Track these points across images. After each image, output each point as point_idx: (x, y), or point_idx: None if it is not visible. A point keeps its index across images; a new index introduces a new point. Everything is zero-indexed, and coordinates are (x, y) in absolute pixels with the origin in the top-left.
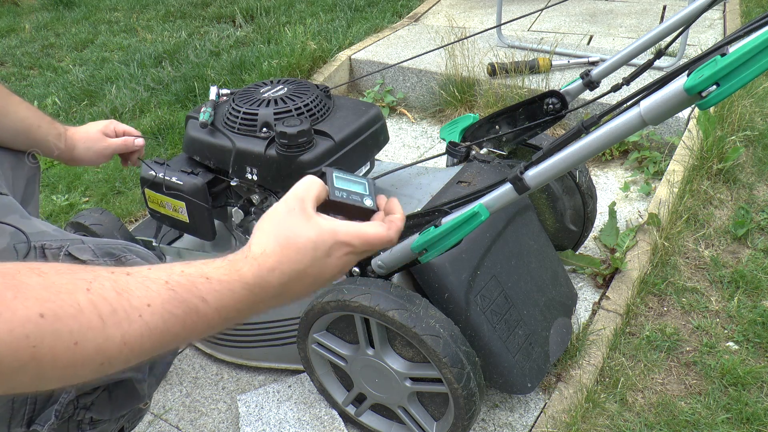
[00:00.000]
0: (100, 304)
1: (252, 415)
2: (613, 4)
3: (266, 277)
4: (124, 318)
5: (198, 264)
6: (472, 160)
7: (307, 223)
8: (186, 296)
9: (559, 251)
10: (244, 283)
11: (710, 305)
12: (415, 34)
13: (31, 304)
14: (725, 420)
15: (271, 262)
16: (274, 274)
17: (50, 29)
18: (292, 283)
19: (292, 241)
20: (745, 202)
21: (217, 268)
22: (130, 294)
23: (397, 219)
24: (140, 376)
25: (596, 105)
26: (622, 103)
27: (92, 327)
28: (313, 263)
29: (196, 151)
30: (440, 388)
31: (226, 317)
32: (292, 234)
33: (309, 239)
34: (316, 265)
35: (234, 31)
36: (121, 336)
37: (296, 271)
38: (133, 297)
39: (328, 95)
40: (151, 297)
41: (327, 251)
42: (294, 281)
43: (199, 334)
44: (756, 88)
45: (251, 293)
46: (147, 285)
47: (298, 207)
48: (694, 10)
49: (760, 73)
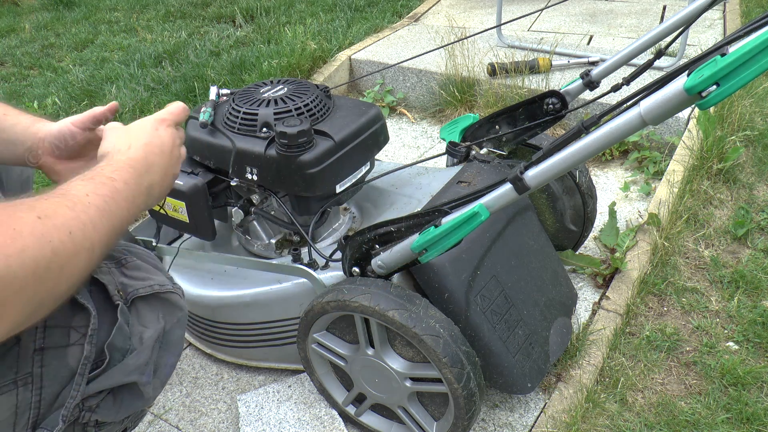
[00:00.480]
0: (64, 202)
1: (252, 415)
2: (613, 4)
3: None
4: (81, 208)
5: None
6: (472, 160)
7: (139, 122)
8: (102, 179)
9: (559, 251)
10: (129, 167)
11: (710, 305)
12: (415, 34)
13: (27, 211)
14: (725, 420)
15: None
16: (136, 152)
17: (50, 29)
18: (150, 155)
19: (132, 132)
20: (745, 202)
21: (101, 167)
22: (69, 191)
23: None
24: (145, 379)
25: (596, 105)
26: (622, 103)
27: (69, 217)
28: (151, 138)
29: (196, 151)
30: (440, 388)
31: (131, 188)
32: (133, 130)
33: (140, 126)
34: (155, 139)
35: (234, 31)
36: (87, 218)
37: (146, 144)
38: (72, 191)
39: (328, 95)
40: (84, 188)
41: (154, 128)
42: (150, 154)
43: (128, 212)
44: (756, 88)
45: (134, 171)
46: (72, 184)
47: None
48: (694, 10)
49: (760, 73)
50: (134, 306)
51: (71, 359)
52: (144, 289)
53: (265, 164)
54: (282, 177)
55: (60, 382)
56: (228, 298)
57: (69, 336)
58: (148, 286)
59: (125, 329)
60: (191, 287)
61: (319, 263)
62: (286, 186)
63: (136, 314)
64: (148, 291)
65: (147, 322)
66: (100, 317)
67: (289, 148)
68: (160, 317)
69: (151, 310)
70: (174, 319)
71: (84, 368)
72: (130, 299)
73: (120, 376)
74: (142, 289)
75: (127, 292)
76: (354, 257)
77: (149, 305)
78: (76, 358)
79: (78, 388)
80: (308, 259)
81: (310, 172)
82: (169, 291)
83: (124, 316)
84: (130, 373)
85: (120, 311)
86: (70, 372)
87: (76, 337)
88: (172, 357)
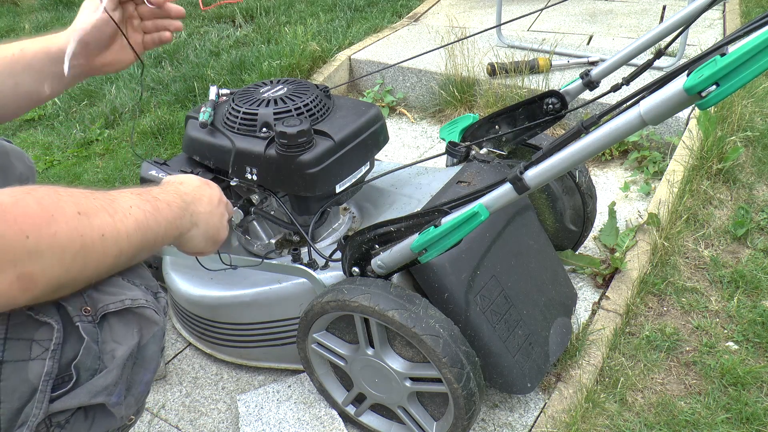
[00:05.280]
0: (106, 207)
1: (252, 415)
2: (613, 4)
3: (182, 189)
4: (122, 216)
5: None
6: (471, 160)
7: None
8: (148, 198)
9: (559, 251)
10: (179, 193)
11: (710, 305)
12: (415, 34)
13: (71, 204)
14: (725, 420)
15: (198, 194)
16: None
17: (50, 29)
18: (199, 193)
19: (186, 176)
20: (744, 202)
21: (155, 185)
22: (117, 200)
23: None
24: (113, 400)
25: (596, 105)
26: (622, 103)
27: (107, 222)
28: (202, 185)
29: (196, 151)
30: (440, 388)
31: (174, 211)
32: (187, 176)
33: (194, 177)
34: (205, 189)
35: (234, 31)
36: (124, 229)
37: (210, 212)
38: (120, 201)
39: (327, 95)
40: (129, 200)
41: (205, 182)
42: (198, 192)
43: (165, 232)
44: (756, 88)
45: (183, 202)
46: (121, 193)
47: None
48: (694, 10)
49: (760, 73)
50: (107, 321)
51: (32, 375)
52: (115, 305)
53: (264, 164)
54: (282, 177)
55: (20, 398)
56: (228, 298)
57: (31, 349)
58: (119, 301)
59: (93, 348)
60: (191, 287)
61: (318, 263)
62: (286, 186)
63: (109, 330)
64: (119, 306)
65: (120, 338)
66: (67, 333)
67: (289, 148)
68: (134, 333)
69: (125, 325)
70: (149, 334)
71: (46, 385)
72: (100, 314)
73: (86, 397)
74: (113, 305)
75: (96, 308)
76: (354, 257)
77: (123, 320)
78: (38, 374)
79: (40, 405)
80: (308, 259)
81: (309, 172)
82: (142, 306)
83: (91, 335)
84: (97, 393)
85: (84, 330)
86: (31, 388)
87: (39, 352)
88: (148, 374)
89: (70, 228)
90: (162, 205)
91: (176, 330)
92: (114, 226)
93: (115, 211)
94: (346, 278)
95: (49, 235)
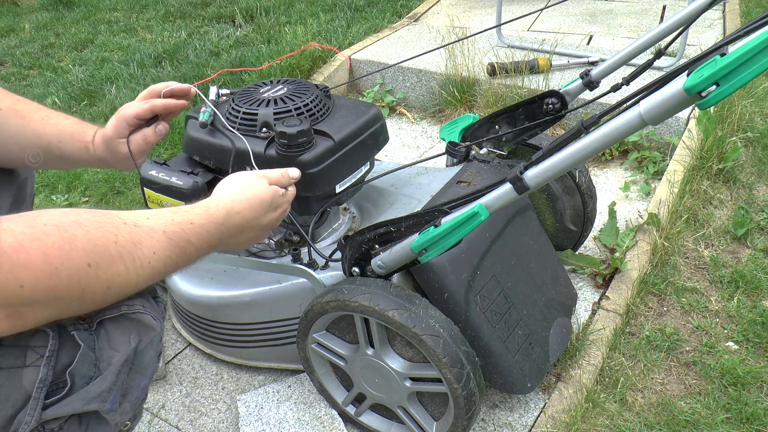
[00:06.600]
0: (125, 255)
1: (252, 415)
2: (613, 4)
3: (233, 218)
4: (139, 266)
5: (182, 212)
6: (471, 160)
7: (266, 186)
8: (178, 242)
9: (559, 251)
10: (217, 224)
11: (710, 305)
12: (415, 34)
13: (82, 255)
14: (725, 420)
15: (238, 208)
16: (238, 216)
17: (50, 29)
18: (248, 225)
19: (258, 196)
20: (744, 202)
21: (197, 214)
22: (142, 245)
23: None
24: (108, 406)
25: (596, 105)
26: (621, 103)
27: (119, 274)
28: (266, 213)
29: (196, 151)
30: (440, 388)
31: (201, 251)
32: (258, 191)
33: (267, 194)
34: (268, 216)
35: (234, 31)
36: (136, 279)
37: (254, 217)
38: (144, 247)
39: (327, 95)
40: (155, 246)
41: (274, 204)
42: (249, 225)
43: (183, 267)
44: (756, 88)
45: (219, 231)
46: (151, 236)
47: (258, 174)
48: (694, 10)
49: (760, 73)
50: (103, 328)
51: (26, 381)
52: (111, 311)
53: (264, 164)
54: None
55: (14, 405)
56: (228, 298)
57: (25, 356)
58: (115, 308)
59: (89, 355)
60: (191, 287)
61: (318, 263)
62: None
63: (105, 337)
64: (115, 312)
65: (117, 344)
66: (62, 339)
67: (289, 148)
68: (131, 338)
69: (122, 331)
70: (146, 340)
71: (39, 392)
72: (96, 321)
73: (80, 404)
74: (109, 311)
75: (92, 315)
76: (354, 257)
77: (120, 326)
78: (32, 381)
79: (32, 413)
80: (308, 259)
81: (309, 172)
82: (138, 312)
83: (87, 342)
84: (91, 400)
85: (79, 337)
86: (25, 395)
87: (33, 358)
88: (144, 379)
89: (72, 282)
90: (191, 249)
91: (176, 330)
92: (126, 277)
93: (134, 259)
94: (346, 278)
95: (47, 287)
